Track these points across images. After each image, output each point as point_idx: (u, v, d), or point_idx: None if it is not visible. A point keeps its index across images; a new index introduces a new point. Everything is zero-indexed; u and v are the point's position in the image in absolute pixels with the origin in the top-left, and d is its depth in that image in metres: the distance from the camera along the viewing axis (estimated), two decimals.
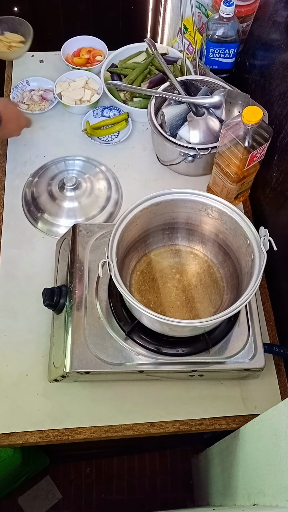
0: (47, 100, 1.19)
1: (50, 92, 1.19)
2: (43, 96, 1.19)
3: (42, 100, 1.18)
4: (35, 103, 1.18)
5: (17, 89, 1.20)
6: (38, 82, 1.21)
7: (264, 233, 0.69)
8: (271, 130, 0.84)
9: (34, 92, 1.19)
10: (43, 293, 0.78)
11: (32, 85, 1.21)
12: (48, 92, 1.20)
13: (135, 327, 0.76)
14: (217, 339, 0.77)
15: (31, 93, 1.19)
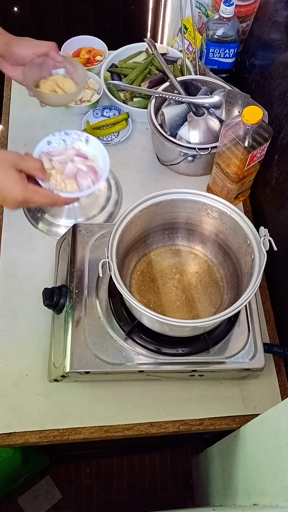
0: (97, 176, 0.83)
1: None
2: (94, 168, 0.83)
3: (85, 177, 0.82)
4: (69, 179, 0.81)
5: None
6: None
7: (264, 233, 0.69)
8: (271, 130, 0.84)
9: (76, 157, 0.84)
10: (43, 293, 0.78)
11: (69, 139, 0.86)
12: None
13: (135, 327, 0.76)
14: (217, 339, 0.77)
15: (69, 152, 0.84)
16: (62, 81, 0.92)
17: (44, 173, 0.75)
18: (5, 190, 0.67)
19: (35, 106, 1.18)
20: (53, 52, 0.86)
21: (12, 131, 1.14)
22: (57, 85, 0.91)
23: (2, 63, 0.87)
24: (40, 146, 0.82)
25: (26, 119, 1.16)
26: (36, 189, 0.72)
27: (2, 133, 1.14)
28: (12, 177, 0.68)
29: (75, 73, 0.91)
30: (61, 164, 0.81)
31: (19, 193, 0.68)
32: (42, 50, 0.85)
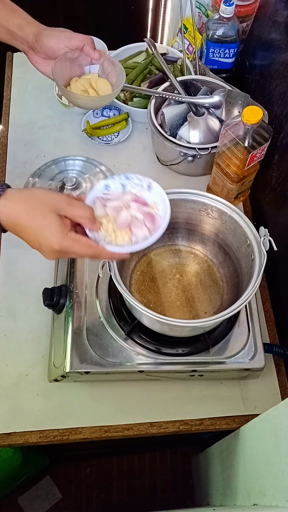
0: (155, 224, 0.67)
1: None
2: (151, 215, 0.68)
3: (140, 227, 0.67)
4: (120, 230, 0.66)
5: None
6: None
7: (264, 233, 0.69)
8: (271, 130, 0.84)
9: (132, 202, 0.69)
10: (43, 293, 0.78)
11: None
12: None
13: (135, 327, 0.76)
14: (217, 339, 0.77)
15: (125, 197, 0.69)
16: (96, 81, 0.82)
17: (93, 222, 0.63)
18: (41, 236, 0.59)
19: (35, 106, 1.19)
20: (88, 47, 0.77)
21: (12, 131, 1.14)
22: (90, 85, 0.82)
23: (33, 57, 0.79)
24: (96, 190, 0.69)
25: (26, 119, 1.16)
26: (77, 239, 0.61)
27: (2, 133, 1.14)
28: (51, 222, 0.58)
29: (112, 73, 0.82)
30: (115, 212, 0.67)
31: (56, 241, 0.58)
32: (75, 44, 0.76)
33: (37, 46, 0.76)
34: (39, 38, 0.76)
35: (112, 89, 0.82)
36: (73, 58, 0.80)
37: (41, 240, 0.59)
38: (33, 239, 0.59)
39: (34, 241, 0.60)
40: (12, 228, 0.60)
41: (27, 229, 0.59)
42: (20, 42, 0.79)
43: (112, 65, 0.82)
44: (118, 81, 0.81)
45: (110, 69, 0.82)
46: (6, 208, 0.58)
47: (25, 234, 0.60)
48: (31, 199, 0.60)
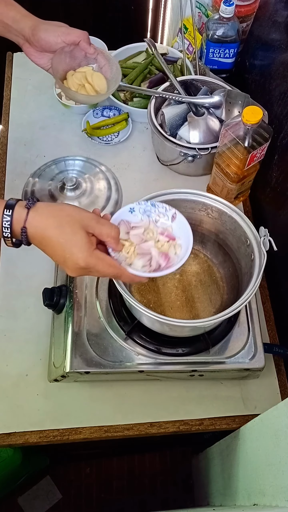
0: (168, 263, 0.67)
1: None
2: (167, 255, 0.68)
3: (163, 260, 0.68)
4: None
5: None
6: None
7: (264, 233, 0.69)
8: (271, 130, 0.84)
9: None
10: (43, 293, 0.78)
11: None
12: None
13: (135, 327, 0.76)
14: (217, 339, 0.77)
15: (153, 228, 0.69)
16: (92, 75, 0.83)
17: (117, 242, 0.63)
18: (68, 251, 0.58)
19: (35, 106, 1.19)
20: (83, 43, 0.79)
21: (12, 131, 1.14)
22: (86, 79, 0.83)
23: (29, 49, 0.80)
24: (121, 212, 0.69)
25: (26, 119, 1.16)
26: (102, 257, 0.61)
27: (2, 133, 1.14)
28: (80, 239, 0.58)
29: (107, 68, 0.83)
30: (138, 238, 0.68)
31: (82, 258, 0.58)
32: (71, 39, 0.77)
33: (34, 40, 0.77)
34: (35, 32, 0.76)
35: (107, 84, 0.83)
36: (71, 51, 0.80)
37: (67, 256, 0.59)
38: (59, 254, 0.59)
39: (60, 255, 0.59)
40: (39, 241, 0.59)
41: (54, 242, 0.58)
42: (15, 35, 0.79)
43: (106, 60, 0.83)
44: (114, 77, 0.82)
45: (104, 63, 0.83)
46: (35, 220, 0.58)
47: (51, 248, 0.59)
48: (61, 214, 0.59)
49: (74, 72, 0.83)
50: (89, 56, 0.82)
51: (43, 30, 0.76)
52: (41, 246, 0.60)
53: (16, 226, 0.58)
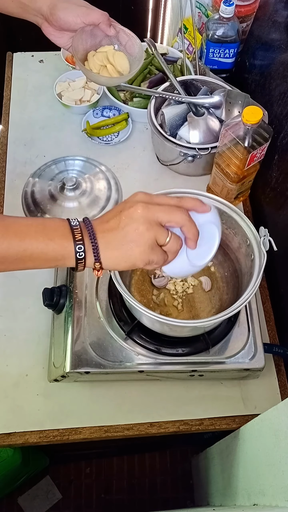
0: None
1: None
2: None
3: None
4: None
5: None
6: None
7: (264, 233, 0.69)
8: (271, 130, 0.84)
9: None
10: (43, 293, 0.78)
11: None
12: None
13: (135, 327, 0.76)
14: (217, 339, 0.77)
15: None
16: (114, 55, 0.80)
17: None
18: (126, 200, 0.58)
19: (35, 106, 1.19)
20: (103, 25, 0.76)
21: (12, 131, 1.14)
22: (108, 60, 0.80)
23: (48, 28, 0.77)
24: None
25: (26, 119, 1.16)
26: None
27: (2, 133, 1.14)
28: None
29: (129, 45, 0.80)
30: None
31: (142, 193, 0.58)
32: (91, 20, 0.75)
33: (52, 19, 0.74)
34: (54, 12, 0.73)
35: (129, 64, 0.80)
36: (90, 31, 0.78)
37: (126, 202, 0.57)
38: (118, 206, 0.57)
39: (119, 206, 0.57)
40: (100, 216, 0.58)
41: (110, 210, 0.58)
42: (33, 14, 0.77)
43: (128, 37, 0.80)
44: (137, 55, 0.79)
45: (126, 40, 0.80)
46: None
47: (109, 211, 0.57)
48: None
49: (95, 52, 0.81)
50: (111, 37, 0.80)
51: (61, 9, 0.73)
52: (103, 216, 0.57)
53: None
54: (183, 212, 0.56)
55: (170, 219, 0.55)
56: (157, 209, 0.55)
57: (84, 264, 0.54)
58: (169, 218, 0.55)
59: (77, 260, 0.54)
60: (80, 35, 0.76)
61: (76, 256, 0.53)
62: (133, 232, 0.54)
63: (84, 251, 0.53)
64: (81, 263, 0.54)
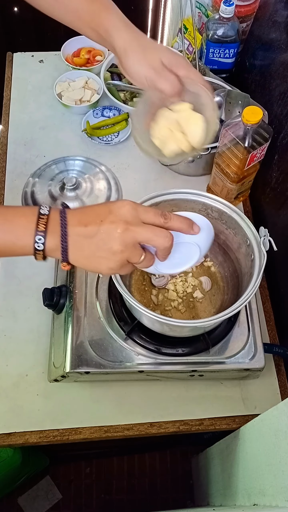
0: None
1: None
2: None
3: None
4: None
5: None
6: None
7: (264, 233, 0.69)
8: (271, 130, 0.84)
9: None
10: (43, 293, 0.78)
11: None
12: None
13: (135, 327, 0.76)
14: (217, 339, 0.77)
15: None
16: (188, 120, 0.64)
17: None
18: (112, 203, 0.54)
19: (35, 106, 1.19)
20: (175, 98, 0.63)
21: (12, 131, 1.14)
22: (179, 125, 0.64)
23: (120, 66, 0.67)
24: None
25: (26, 119, 1.17)
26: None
27: (2, 133, 1.14)
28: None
29: (205, 106, 0.63)
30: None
31: (129, 203, 0.54)
32: (158, 88, 0.63)
33: (123, 67, 0.65)
34: (124, 60, 0.64)
35: (205, 130, 0.62)
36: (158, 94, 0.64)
37: (111, 206, 0.54)
38: (103, 208, 0.54)
39: (103, 209, 0.54)
40: (79, 211, 0.55)
41: (96, 205, 0.55)
42: (110, 47, 0.70)
43: (206, 99, 0.63)
44: (212, 122, 0.61)
45: (205, 100, 0.63)
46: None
47: (92, 209, 0.55)
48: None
49: (165, 112, 0.65)
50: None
51: (132, 59, 0.64)
52: (83, 214, 0.54)
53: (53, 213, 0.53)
54: (164, 237, 0.54)
55: (149, 242, 0.54)
56: (138, 231, 0.53)
57: (43, 257, 0.54)
58: (148, 241, 0.54)
59: (35, 251, 0.53)
60: (143, 104, 0.63)
61: (35, 246, 0.52)
62: (107, 250, 0.53)
63: (44, 244, 0.52)
64: (39, 254, 0.53)
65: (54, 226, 0.53)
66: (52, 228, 0.53)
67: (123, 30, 0.66)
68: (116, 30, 0.66)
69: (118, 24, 0.66)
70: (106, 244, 0.52)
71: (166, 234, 0.54)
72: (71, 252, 0.54)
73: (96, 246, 0.53)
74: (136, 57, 0.64)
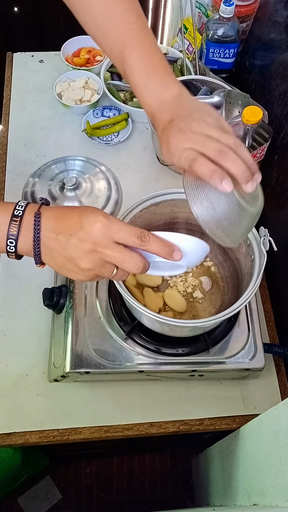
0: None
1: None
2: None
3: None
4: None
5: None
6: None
7: (264, 233, 0.69)
8: (271, 130, 0.84)
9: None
10: (43, 293, 0.78)
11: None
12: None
13: (135, 327, 0.76)
14: (217, 339, 0.77)
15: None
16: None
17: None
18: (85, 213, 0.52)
19: (35, 106, 1.19)
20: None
21: (12, 131, 1.14)
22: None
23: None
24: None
25: (26, 119, 1.16)
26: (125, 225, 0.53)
27: (2, 133, 1.14)
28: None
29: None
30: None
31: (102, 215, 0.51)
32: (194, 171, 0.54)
33: (161, 139, 0.57)
34: (166, 134, 0.55)
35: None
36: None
37: (84, 218, 0.51)
38: (75, 220, 0.51)
39: (76, 221, 0.51)
40: (54, 217, 0.52)
41: (71, 210, 0.53)
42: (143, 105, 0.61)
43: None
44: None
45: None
46: (48, 209, 0.54)
47: (66, 218, 0.52)
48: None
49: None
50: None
51: (175, 137, 0.54)
52: (56, 221, 0.52)
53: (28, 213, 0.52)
54: (134, 264, 0.51)
55: (118, 265, 0.52)
56: (106, 254, 0.50)
57: (15, 257, 0.54)
58: (117, 264, 0.51)
59: (7, 252, 0.53)
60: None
61: (6, 248, 0.52)
62: (74, 265, 0.52)
63: (16, 246, 0.52)
64: (12, 255, 0.53)
65: (27, 230, 0.52)
66: (25, 232, 0.52)
67: (167, 89, 0.58)
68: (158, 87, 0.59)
69: (165, 83, 0.59)
70: (74, 260, 0.52)
71: (136, 260, 0.51)
72: (44, 256, 0.53)
73: (65, 259, 0.52)
74: (184, 138, 0.54)
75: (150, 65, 0.60)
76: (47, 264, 0.55)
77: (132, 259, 0.51)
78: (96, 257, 0.51)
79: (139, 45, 0.61)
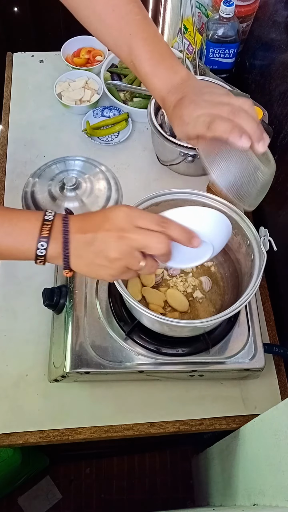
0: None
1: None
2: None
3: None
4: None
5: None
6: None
7: (264, 233, 0.69)
8: (271, 130, 0.84)
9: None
10: (43, 293, 0.78)
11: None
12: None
13: (135, 327, 0.76)
14: (217, 339, 0.77)
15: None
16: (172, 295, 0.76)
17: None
18: (108, 209, 0.55)
19: (35, 106, 1.19)
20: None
21: (12, 131, 1.14)
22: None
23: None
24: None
25: (26, 119, 1.17)
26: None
27: (2, 133, 1.14)
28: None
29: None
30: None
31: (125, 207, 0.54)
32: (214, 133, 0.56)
33: (173, 116, 0.60)
34: (179, 107, 0.59)
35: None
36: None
37: (107, 212, 0.54)
38: (100, 215, 0.54)
39: (100, 215, 0.54)
40: (81, 218, 0.55)
41: (95, 213, 0.56)
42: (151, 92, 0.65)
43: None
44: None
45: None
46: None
47: (90, 217, 0.55)
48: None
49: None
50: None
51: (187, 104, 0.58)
52: (83, 221, 0.55)
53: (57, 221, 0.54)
54: (158, 243, 0.53)
55: (145, 249, 0.53)
56: (133, 238, 0.52)
57: (44, 261, 0.55)
58: (143, 248, 0.53)
59: (36, 257, 0.54)
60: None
61: (37, 252, 0.54)
62: (104, 258, 0.53)
63: (46, 249, 0.54)
64: (41, 260, 0.55)
65: (56, 233, 0.54)
66: (55, 235, 0.54)
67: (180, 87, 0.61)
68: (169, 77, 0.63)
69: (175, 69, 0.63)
70: (103, 252, 0.53)
71: (161, 240, 0.53)
72: (73, 259, 0.54)
73: (94, 254, 0.54)
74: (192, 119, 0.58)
75: (157, 53, 0.63)
76: (75, 268, 0.56)
77: (157, 238, 0.53)
78: (123, 244, 0.52)
79: (145, 35, 0.63)
